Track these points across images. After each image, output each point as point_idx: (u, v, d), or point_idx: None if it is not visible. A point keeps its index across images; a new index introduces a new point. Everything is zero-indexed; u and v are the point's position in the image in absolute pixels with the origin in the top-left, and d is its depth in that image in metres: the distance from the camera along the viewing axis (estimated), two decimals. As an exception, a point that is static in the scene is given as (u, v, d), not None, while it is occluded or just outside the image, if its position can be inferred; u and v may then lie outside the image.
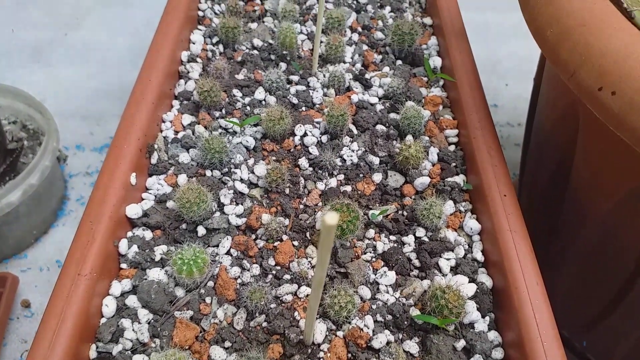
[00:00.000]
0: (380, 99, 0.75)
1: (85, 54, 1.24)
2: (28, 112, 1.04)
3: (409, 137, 0.69)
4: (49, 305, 0.48)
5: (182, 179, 0.63)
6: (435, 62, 0.79)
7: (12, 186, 0.88)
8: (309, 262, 0.57)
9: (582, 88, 0.52)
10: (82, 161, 1.10)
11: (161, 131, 0.69)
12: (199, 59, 0.79)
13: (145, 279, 0.54)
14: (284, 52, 0.80)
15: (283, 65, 0.79)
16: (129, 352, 0.50)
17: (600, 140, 0.57)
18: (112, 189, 0.57)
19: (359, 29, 0.86)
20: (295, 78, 0.77)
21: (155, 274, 0.54)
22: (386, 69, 0.79)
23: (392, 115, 0.72)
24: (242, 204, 0.62)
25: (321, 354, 0.50)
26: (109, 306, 0.52)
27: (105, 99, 1.18)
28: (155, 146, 0.66)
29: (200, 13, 0.87)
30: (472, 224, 0.60)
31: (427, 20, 0.88)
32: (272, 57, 0.81)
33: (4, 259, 0.95)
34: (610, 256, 0.65)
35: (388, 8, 0.90)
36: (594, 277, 0.70)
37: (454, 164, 0.67)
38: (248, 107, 0.73)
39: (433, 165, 0.67)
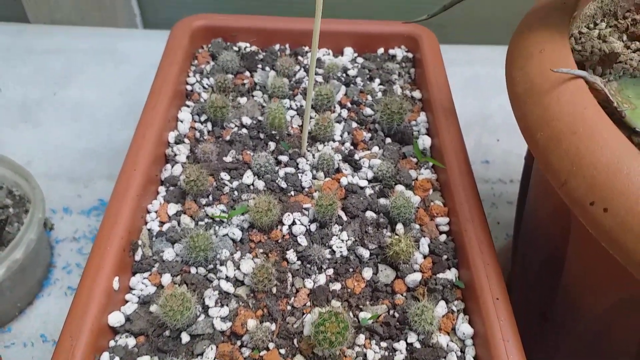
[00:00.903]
0: (369, 181, 0.74)
1: (75, 113, 1.23)
2: (14, 179, 1.02)
3: (399, 226, 0.68)
4: None
5: (167, 278, 0.62)
6: (425, 141, 0.79)
7: (-5, 262, 0.86)
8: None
9: (573, 199, 0.51)
10: (69, 226, 1.08)
11: (146, 223, 0.68)
12: (186, 140, 0.78)
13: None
14: (273, 132, 0.79)
15: (272, 145, 0.78)
16: None
17: (592, 249, 0.56)
18: (94, 297, 0.56)
19: (348, 105, 0.85)
20: (284, 158, 0.76)
21: (137, 392, 0.53)
22: (375, 148, 0.78)
23: (382, 200, 0.71)
24: (227, 305, 0.60)
25: None
26: None
27: (94, 159, 1.17)
28: (140, 242, 0.64)
29: (189, 87, 0.87)
30: (464, 328, 0.58)
31: (416, 94, 0.88)
32: (261, 135, 0.80)
33: (-14, 335, 0.92)
34: (605, 354, 0.63)
35: (377, 80, 0.89)
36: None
37: (445, 257, 0.65)
38: (236, 192, 0.72)
39: (424, 257, 0.65)
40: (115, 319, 0.57)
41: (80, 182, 1.14)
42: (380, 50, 0.96)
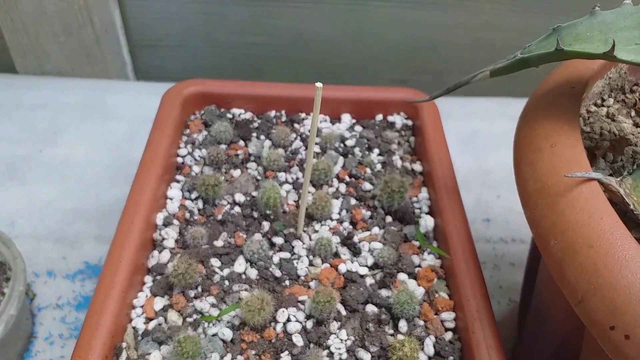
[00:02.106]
0: (370, 268, 0.70)
1: (62, 171, 1.19)
2: (-5, 246, 0.98)
3: (403, 323, 0.64)
4: None
5: (152, 391, 0.57)
6: (427, 222, 0.75)
7: (-29, 343, 0.81)
8: None
9: (592, 321, 0.47)
10: (52, 290, 1.03)
11: (131, 320, 0.63)
12: (175, 221, 0.74)
13: None
14: (267, 212, 0.76)
15: (266, 225, 0.75)
16: None
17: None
18: (69, 420, 0.51)
19: (347, 178, 0.82)
20: (279, 241, 0.72)
21: None
22: (375, 229, 0.75)
23: (384, 292, 0.67)
24: (217, 420, 0.55)
25: None
26: None
27: (81, 219, 1.12)
28: (124, 344, 0.60)
29: (180, 159, 0.83)
30: None
31: (417, 167, 0.84)
32: (255, 214, 0.76)
33: (-40, 419, 0.87)
34: None
35: (376, 151, 0.86)
36: None
37: (451, 358, 0.61)
38: (227, 282, 0.68)
39: (429, 359, 0.61)
40: None
41: (67, 243, 1.09)
42: (379, 117, 0.93)
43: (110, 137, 1.23)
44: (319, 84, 0.56)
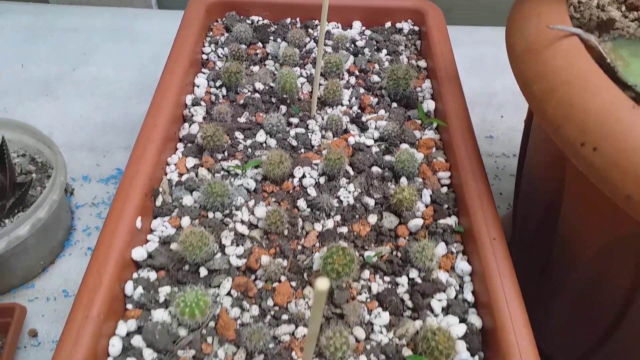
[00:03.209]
0: (375, 141, 0.78)
1: (93, 88, 1.28)
2: (36, 146, 1.07)
3: (403, 179, 0.72)
4: (58, 347, 0.51)
5: (186, 221, 0.66)
6: (429, 105, 0.83)
7: (21, 220, 0.91)
8: (306, 302, 0.60)
9: (566, 143, 0.55)
10: (88, 192, 1.13)
11: (165, 174, 0.72)
12: (202, 102, 0.83)
13: (150, 320, 0.57)
14: (284, 96, 0.84)
15: (283, 108, 0.83)
16: (134, 391, 0.52)
17: (585, 190, 0.60)
18: (118, 234, 0.60)
19: (356, 72, 0.89)
20: (294, 120, 0.81)
21: (160, 315, 0.57)
22: (382, 111, 0.82)
23: (387, 157, 0.75)
24: (242, 245, 0.64)
25: (317, 395, 0.53)
26: (115, 346, 0.54)
27: (111, 132, 1.22)
28: (160, 189, 0.69)
29: (204, 56, 0.91)
30: (463, 265, 0.62)
31: (422, 63, 0.92)
32: (273, 100, 0.84)
33: (11, 289, 0.98)
34: (598, 297, 0.67)
35: (384, 51, 0.94)
36: (584, 316, 0.72)
37: (446, 206, 0.69)
38: (249, 149, 0.76)
39: (426, 207, 0.69)
40: (138, 254, 0.62)
41: (99, 153, 1.19)
42: (388, 24, 1.00)
43: (136, 59, 1.32)
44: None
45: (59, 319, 0.92)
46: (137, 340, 0.56)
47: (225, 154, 0.75)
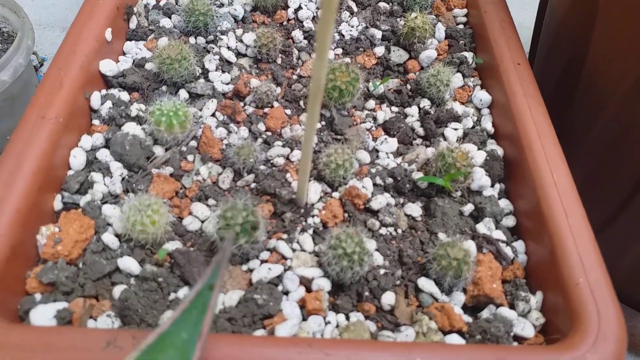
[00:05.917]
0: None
1: (64, -39, 1.15)
2: (2, 13, 0.96)
3: (415, 14, 0.63)
4: (8, 146, 0.43)
5: (163, 42, 0.57)
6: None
7: (-18, 82, 0.82)
8: (303, 128, 0.52)
9: None
10: (60, 72, 1.03)
11: (141, -2, 0.63)
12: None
13: (120, 132, 0.48)
14: None
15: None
16: (99, 202, 0.44)
17: (620, 19, 0.51)
18: (84, 40, 0.51)
19: None
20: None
21: (131, 127, 0.49)
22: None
23: (396, -6, 0.66)
24: (228, 72, 0.56)
25: (315, 212, 0.45)
26: (77, 157, 0.46)
27: (86, 9, 1.10)
28: (135, 10, 0.60)
29: None
30: (482, 95, 0.55)
31: None
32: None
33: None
34: (622, 154, 0.60)
35: None
36: (606, 176, 0.65)
37: (462, 42, 0.61)
38: (239, -17, 0.67)
39: (440, 42, 0.61)
40: (107, 66, 0.53)
41: (72, 31, 1.08)
42: None
43: None
44: None
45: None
46: (104, 154, 0.47)
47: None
